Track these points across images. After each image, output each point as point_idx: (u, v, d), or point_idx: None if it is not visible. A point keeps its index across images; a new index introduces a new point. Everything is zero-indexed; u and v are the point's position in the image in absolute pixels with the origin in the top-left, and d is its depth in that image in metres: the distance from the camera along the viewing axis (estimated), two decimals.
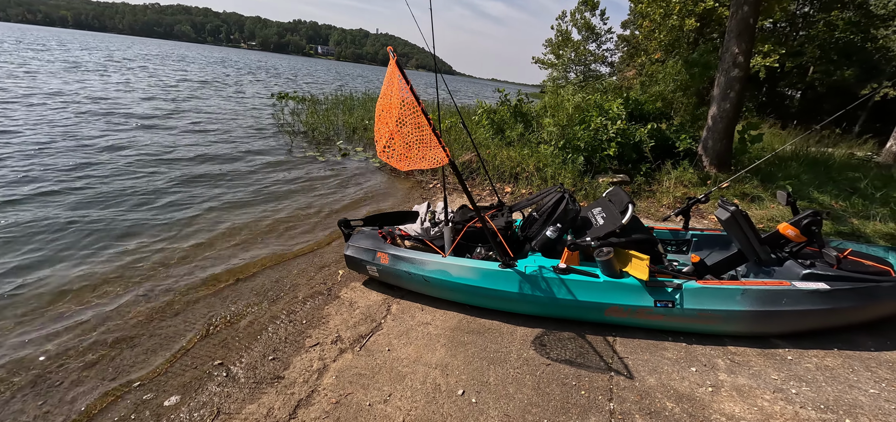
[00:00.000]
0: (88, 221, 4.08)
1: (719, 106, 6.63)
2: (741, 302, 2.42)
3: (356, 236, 3.21)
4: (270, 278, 3.37)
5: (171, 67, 26.19)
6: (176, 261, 3.56)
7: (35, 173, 5.14)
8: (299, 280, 3.35)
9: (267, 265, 3.59)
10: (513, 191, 5.78)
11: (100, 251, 3.59)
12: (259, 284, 3.29)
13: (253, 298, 3.10)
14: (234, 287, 3.23)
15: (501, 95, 7.91)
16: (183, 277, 3.32)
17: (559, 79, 16.03)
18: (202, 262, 3.57)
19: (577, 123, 6.53)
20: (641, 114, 7.81)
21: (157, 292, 3.11)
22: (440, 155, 2.12)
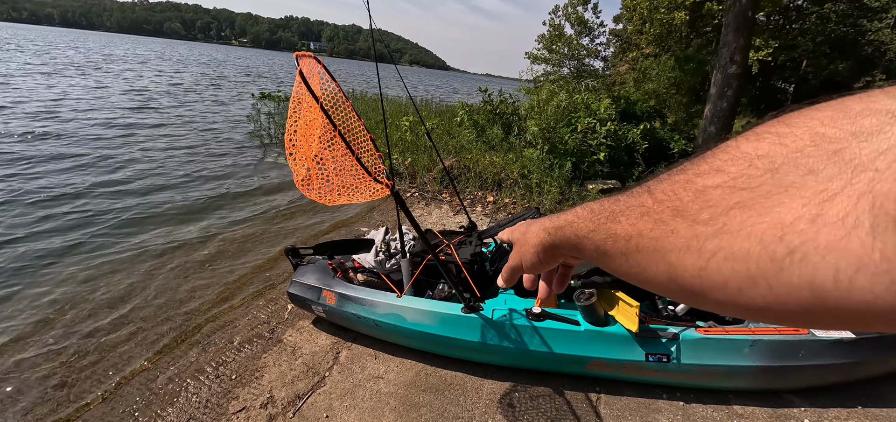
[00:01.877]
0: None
1: (716, 104, 6.24)
2: (750, 356, 2.01)
3: (302, 270, 2.76)
4: (207, 317, 2.92)
5: (152, 67, 25.46)
6: (94, 301, 3.09)
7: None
8: (240, 319, 2.90)
9: (207, 301, 3.13)
10: (495, 199, 5.35)
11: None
12: (192, 325, 2.83)
13: (180, 345, 2.65)
14: (161, 329, 2.77)
15: (484, 94, 7.45)
16: (102, 317, 2.86)
17: (552, 74, 15.62)
18: (126, 298, 3.11)
19: (562, 124, 6.11)
20: (633, 113, 7.42)
21: (71, 340, 2.64)
22: (376, 186, 1.68)
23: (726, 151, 0.27)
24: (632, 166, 6.16)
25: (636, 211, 0.32)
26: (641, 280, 0.32)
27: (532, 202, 5.07)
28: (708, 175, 0.27)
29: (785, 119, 0.25)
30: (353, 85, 20.17)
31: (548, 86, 8.37)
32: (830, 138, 0.21)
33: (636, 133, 6.15)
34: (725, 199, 0.25)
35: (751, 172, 0.24)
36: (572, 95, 6.63)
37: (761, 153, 0.24)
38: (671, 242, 0.28)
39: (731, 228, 0.24)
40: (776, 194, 0.22)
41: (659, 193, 0.30)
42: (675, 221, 0.28)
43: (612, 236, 0.33)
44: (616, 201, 0.35)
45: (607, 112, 6.03)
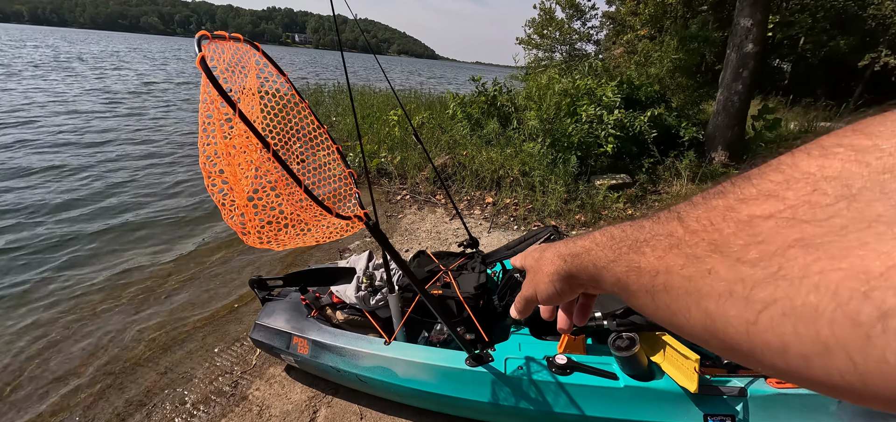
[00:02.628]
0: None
1: (730, 87, 5.79)
2: (840, 414, 1.57)
3: (270, 307, 2.26)
4: (155, 368, 2.40)
5: (122, 63, 24.29)
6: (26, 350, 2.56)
7: None
8: (197, 368, 2.39)
9: (154, 345, 2.59)
10: (495, 200, 4.87)
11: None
12: (136, 379, 2.32)
13: (119, 405, 2.14)
14: (89, 385, 2.25)
15: (477, 84, 6.92)
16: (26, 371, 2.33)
17: (544, 60, 15.11)
18: (56, 342, 2.57)
19: (564, 114, 5.62)
20: (637, 99, 6.95)
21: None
22: (338, 218, 1.17)
23: (780, 170, 0.22)
24: (640, 158, 5.71)
25: (664, 242, 0.27)
26: (672, 325, 0.27)
27: (535, 202, 4.59)
28: (756, 202, 0.22)
29: (863, 128, 0.20)
30: (340, 77, 19.35)
31: (549, 73, 7.83)
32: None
33: (643, 120, 5.69)
34: (781, 233, 0.20)
35: (816, 198, 0.19)
36: (574, 81, 6.12)
37: (831, 174, 0.19)
38: (708, 285, 0.23)
39: (790, 274, 0.18)
40: (856, 231, 0.17)
41: (692, 220, 0.26)
42: (712, 257, 0.23)
43: (636, 270, 0.29)
44: (640, 227, 0.31)
45: (613, 98, 5.55)
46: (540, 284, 0.44)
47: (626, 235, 0.32)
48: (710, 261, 0.23)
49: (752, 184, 0.23)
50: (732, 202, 0.23)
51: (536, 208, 4.53)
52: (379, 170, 6.05)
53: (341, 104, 10.77)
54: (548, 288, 0.43)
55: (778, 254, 0.19)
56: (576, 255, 0.39)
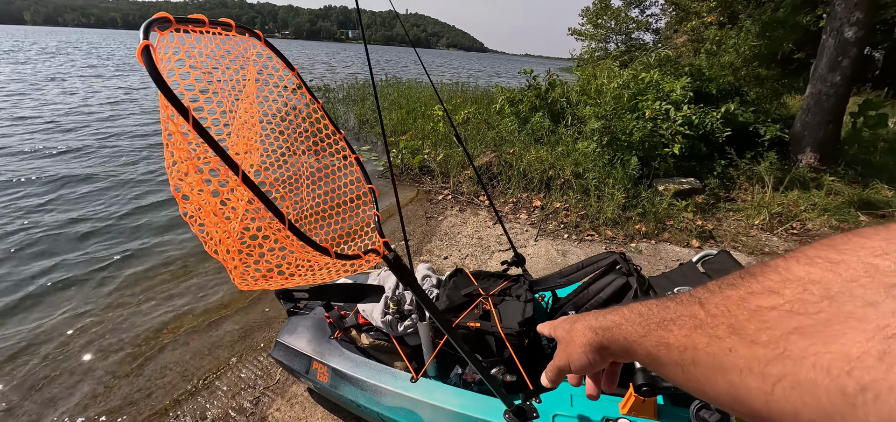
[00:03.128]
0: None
1: (825, 79, 4.93)
2: None
3: (294, 322, 2.08)
4: (182, 373, 2.32)
5: None
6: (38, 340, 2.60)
7: None
8: (222, 378, 2.29)
9: (184, 347, 2.53)
10: (543, 204, 4.47)
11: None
12: (163, 384, 2.25)
13: (145, 414, 2.07)
14: (122, 388, 2.21)
15: (528, 77, 6.48)
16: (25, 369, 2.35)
17: (597, 51, 14.20)
18: (90, 331, 2.58)
19: (625, 110, 5.06)
20: (707, 93, 6.18)
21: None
22: (339, 259, 0.92)
23: (777, 271, 0.28)
24: (711, 159, 5.03)
25: (689, 322, 0.33)
26: (701, 394, 0.32)
27: (589, 208, 4.14)
28: (762, 295, 0.28)
29: (834, 244, 0.27)
30: (388, 70, 19.45)
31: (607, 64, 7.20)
32: (885, 271, 0.23)
33: (716, 117, 5.00)
34: (783, 322, 0.26)
35: (806, 297, 0.25)
36: (638, 73, 5.51)
37: (815, 279, 0.26)
38: (730, 361, 0.28)
39: (793, 355, 0.24)
40: (837, 324, 0.23)
41: (712, 306, 0.31)
42: (731, 338, 0.28)
43: (665, 345, 0.34)
44: (665, 307, 0.36)
45: (683, 92, 4.91)
46: (573, 354, 0.48)
47: (653, 313, 0.37)
48: (730, 341, 0.29)
49: (758, 280, 0.29)
50: (743, 294, 0.29)
51: (590, 215, 4.08)
52: (421, 167, 5.85)
53: (387, 98, 10.74)
54: (580, 359, 0.46)
55: (782, 338, 0.25)
56: (607, 328, 0.43)
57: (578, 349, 0.47)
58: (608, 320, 0.43)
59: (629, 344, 0.40)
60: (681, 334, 0.33)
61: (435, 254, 3.59)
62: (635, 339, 0.39)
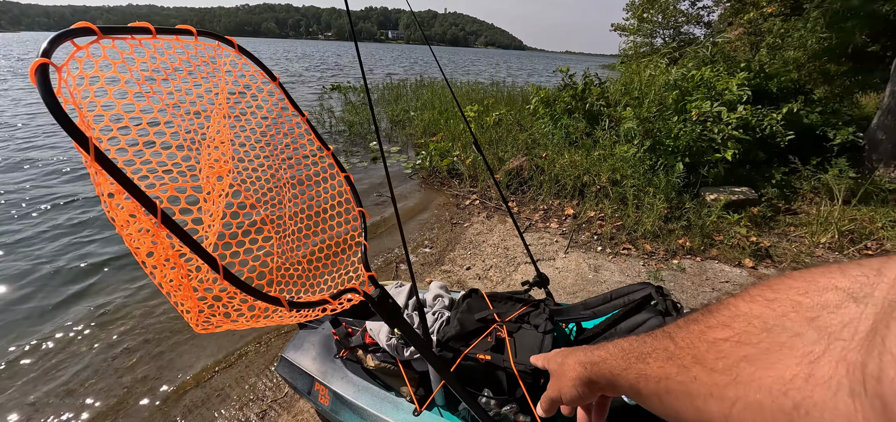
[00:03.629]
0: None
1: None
2: None
3: (301, 336, 2.01)
4: (197, 378, 2.31)
5: None
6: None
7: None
8: (234, 386, 2.25)
9: (202, 351, 2.52)
10: (577, 212, 4.19)
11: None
12: (178, 390, 2.24)
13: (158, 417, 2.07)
14: (145, 387, 2.23)
15: (563, 76, 6.15)
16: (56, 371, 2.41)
17: (643, 47, 13.44)
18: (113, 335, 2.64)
19: (670, 111, 4.66)
20: (767, 91, 5.59)
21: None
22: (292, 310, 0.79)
23: (728, 308, 0.34)
24: (770, 166, 4.52)
25: (662, 354, 0.37)
26: (676, 419, 0.36)
27: (626, 219, 3.82)
28: (717, 329, 0.33)
29: (770, 284, 0.32)
30: (426, 70, 19.45)
31: (653, 60, 6.72)
32: (807, 307, 0.28)
33: (776, 118, 4.49)
34: (734, 351, 0.31)
35: (750, 329, 0.30)
36: (687, 70, 5.07)
37: (756, 314, 0.31)
38: (695, 388, 0.33)
39: (742, 379, 0.29)
40: (774, 352, 0.28)
41: (679, 339, 0.36)
42: (695, 367, 0.33)
43: (644, 377, 0.39)
44: (643, 343, 0.41)
45: (740, 91, 4.44)
46: (564, 387, 0.51)
47: (633, 348, 0.42)
48: (694, 370, 0.33)
49: (714, 316, 0.34)
50: (703, 328, 0.35)
51: (627, 226, 3.76)
52: (450, 170, 5.70)
53: (421, 98, 10.69)
54: (571, 391, 0.50)
55: (734, 365, 0.30)
56: (594, 363, 0.47)
57: (569, 382, 0.50)
58: (596, 356, 0.47)
59: (614, 377, 0.43)
60: (656, 365, 0.37)
61: (457, 263, 3.43)
62: (618, 372, 0.42)
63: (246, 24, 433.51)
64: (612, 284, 3.03)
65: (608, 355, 0.45)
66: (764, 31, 8.47)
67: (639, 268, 3.24)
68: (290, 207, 1.13)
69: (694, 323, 0.36)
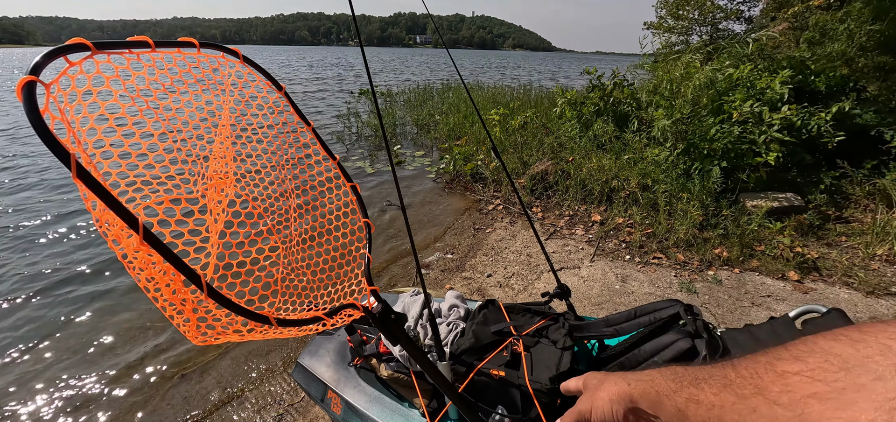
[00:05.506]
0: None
1: None
2: None
3: (316, 343, 2.01)
4: (218, 379, 2.36)
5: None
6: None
7: None
8: (253, 389, 2.29)
9: (223, 351, 2.58)
10: (604, 219, 4.04)
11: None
12: (202, 388, 2.30)
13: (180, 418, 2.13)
14: (167, 386, 2.29)
15: (591, 77, 5.97)
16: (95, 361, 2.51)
17: (677, 44, 12.89)
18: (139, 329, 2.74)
19: (706, 112, 4.42)
20: (812, 88, 5.20)
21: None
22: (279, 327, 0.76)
23: (805, 343, 0.31)
24: (818, 170, 4.20)
25: (719, 381, 0.35)
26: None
27: (657, 227, 3.63)
28: (788, 362, 0.31)
29: (860, 327, 0.29)
30: (453, 73, 19.48)
31: (686, 59, 6.42)
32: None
33: (825, 118, 4.16)
34: (803, 387, 0.28)
35: (827, 366, 0.28)
36: (724, 68, 4.80)
37: (836, 352, 0.28)
38: (752, 420, 0.30)
39: (809, 417, 0.27)
40: (850, 392, 0.25)
41: (742, 368, 0.34)
42: (756, 398, 0.31)
43: (695, 401, 0.36)
44: (700, 369, 0.39)
45: (781, 89, 4.16)
46: (597, 402, 0.48)
47: (687, 372, 0.40)
48: (754, 401, 0.31)
49: (787, 349, 0.32)
50: (772, 360, 0.32)
51: (658, 234, 3.58)
52: (473, 175, 5.65)
53: (446, 101, 10.69)
54: (604, 407, 0.47)
55: (801, 401, 0.28)
56: (640, 380, 0.45)
57: (606, 398, 0.47)
58: (643, 375, 0.45)
59: (660, 398, 0.41)
60: (711, 392, 0.35)
61: (478, 270, 3.37)
62: (667, 393, 0.40)
63: (281, 33, 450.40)
64: (640, 295, 2.88)
65: (659, 376, 0.43)
66: (810, 25, 7.93)
67: (670, 278, 3.06)
68: (295, 218, 1.12)
69: (762, 354, 0.34)
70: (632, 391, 0.45)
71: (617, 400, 0.46)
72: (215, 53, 0.89)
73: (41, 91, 0.54)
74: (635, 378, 0.45)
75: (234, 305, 0.61)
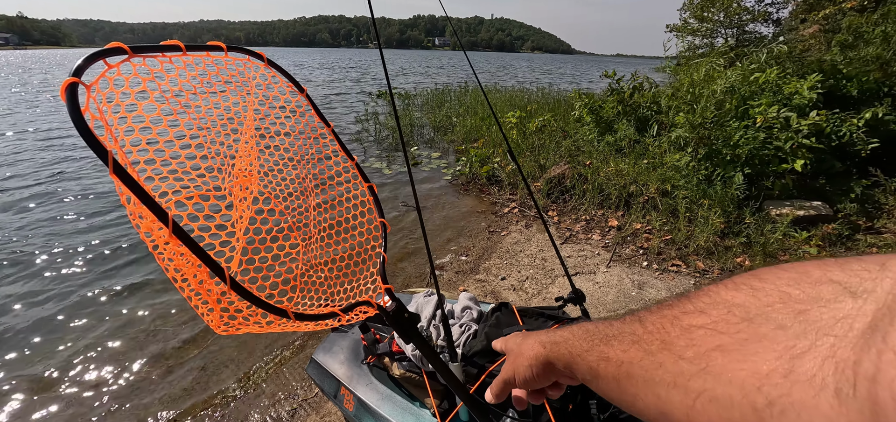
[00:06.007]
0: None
1: None
2: None
3: (331, 340, 2.05)
4: (236, 371, 2.43)
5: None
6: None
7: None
8: (269, 381, 2.35)
9: (243, 346, 2.66)
10: (621, 224, 3.98)
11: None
12: (220, 378, 2.37)
13: (200, 401, 2.20)
14: (188, 378, 2.37)
15: (611, 80, 5.89)
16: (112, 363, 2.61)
17: (701, 47, 12.59)
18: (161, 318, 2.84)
19: (730, 117, 4.31)
20: (844, 94, 5.01)
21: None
22: (297, 321, 0.79)
23: (708, 295, 0.31)
24: (847, 178, 4.05)
25: (628, 338, 0.35)
26: (633, 410, 0.34)
27: (676, 233, 3.56)
28: (693, 315, 0.31)
29: (758, 274, 0.30)
30: (465, 76, 19.55)
31: (709, 62, 6.27)
32: (796, 299, 0.26)
33: (857, 125, 4.01)
34: (707, 340, 0.28)
35: (729, 318, 0.28)
36: (749, 72, 4.68)
37: (738, 302, 0.28)
38: (659, 375, 0.31)
39: (712, 370, 0.27)
40: (752, 343, 0.26)
41: (649, 324, 0.34)
42: (662, 353, 0.31)
43: (605, 359, 0.37)
44: (610, 325, 0.39)
45: (808, 94, 4.03)
46: (519, 367, 0.49)
47: (599, 330, 0.40)
48: (660, 356, 0.31)
49: (691, 302, 0.32)
50: (678, 313, 0.32)
51: (677, 241, 3.51)
52: (489, 177, 5.65)
53: (463, 104, 10.72)
54: (525, 372, 0.48)
55: (705, 355, 0.28)
56: (555, 343, 0.45)
57: (525, 362, 0.48)
58: (558, 336, 0.45)
59: (573, 358, 0.42)
60: (620, 348, 0.36)
61: (492, 273, 3.37)
62: (579, 352, 0.40)
63: (302, 35, 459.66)
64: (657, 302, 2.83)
65: (571, 336, 0.43)
66: (843, 27, 7.64)
67: (689, 286, 3.00)
68: (314, 216, 1.15)
69: (668, 308, 0.34)
70: (547, 353, 0.45)
71: (534, 363, 0.47)
72: (241, 57, 0.93)
73: (81, 91, 0.59)
74: (550, 340, 0.46)
75: (255, 299, 0.64)
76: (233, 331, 0.84)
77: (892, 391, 0.18)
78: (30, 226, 4.22)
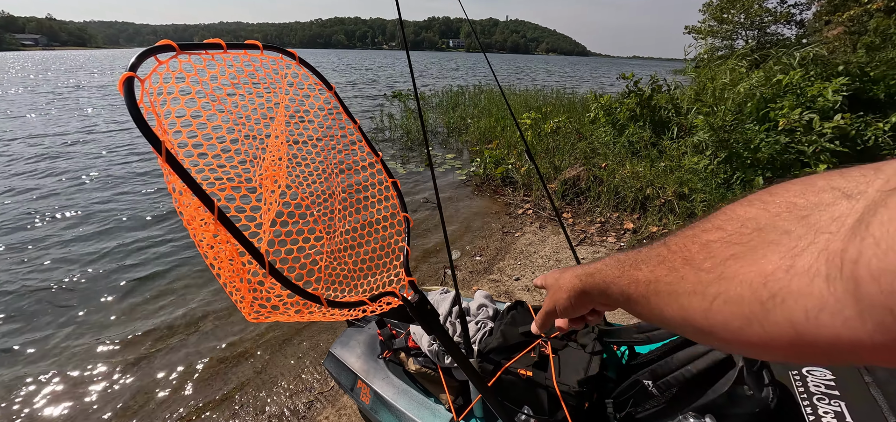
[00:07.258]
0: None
1: None
2: None
3: (347, 335, 2.09)
4: (254, 364, 2.50)
5: None
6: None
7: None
8: (286, 375, 2.40)
9: (260, 340, 2.72)
10: (637, 227, 3.95)
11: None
12: (237, 371, 2.44)
13: (217, 395, 2.27)
14: (207, 373, 2.44)
15: (627, 82, 5.83)
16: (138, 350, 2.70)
17: (721, 49, 12.36)
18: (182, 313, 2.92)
19: (751, 119, 4.23)
20: (870, 96, 4.87)
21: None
22: (330, 308, 0.82)
23: (725, 213, 0.34)
24: None
25: (655, 259, 0.39)
26: (661, 321, 0.38)
27: None
28: (711, 231, 0.34)
29: (770, 190, 0.32)
30: (479, 77, 19.55)
31: (730, 64, 6.17)
32: (801, 207, 0.28)
33: (883, 129, 3.89)
34: (723, 251, 0.31)
35: (742, 230, 0.31)
36: (773, 74, 4.59)
37: (750, 216, 0.31)
38: (682, 287, 0.34)
39: (727, 275, 0.30)
40: (761, 248, 0.29)
41: (673, 244, 0.37)
42: (684, 268, 0.34)
43: (635, 282, 0.40)
44: (639, 252, 0.42)
45: (832, 97, 3.93)
46: (559, 299, 0.55)
47: (628, 257, 0.43)
48: (683, 270, 0.34)
49: (710, 221, 0.35)
50: (698, 232, 0.35)
51: None
52: (504, 178, 5.65)
53: (478, 105, 10.72)
54: (565, 303, 0.54)
55: (721, 263, 0.31)
56: (590, 274, 0.49)
57: (564, 294, 0.53)
58: (592, 267, 0.49)
59: (607, 285, 0.45)
60: (647, 270, 0.39)
61: (506, 273, 3.38)
62: (612, 279, 0.44)
63: (318, 37, 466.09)
64: None
65: (604, 266, 0.47)
66: (868, 29, 7.42)
67: None
68: (339, 210, 1.19)
69: (690, 229, 0.37)
70: (583, 285, 0.50)
71: (572, 294, 0.51)
72: (274, 55, 0.97)
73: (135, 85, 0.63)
74: (585, 272, 0.50)
75: (292, 284, 0.67)
76: (262, 319, 0.87)
77: (869, 269, 0.21)
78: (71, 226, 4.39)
